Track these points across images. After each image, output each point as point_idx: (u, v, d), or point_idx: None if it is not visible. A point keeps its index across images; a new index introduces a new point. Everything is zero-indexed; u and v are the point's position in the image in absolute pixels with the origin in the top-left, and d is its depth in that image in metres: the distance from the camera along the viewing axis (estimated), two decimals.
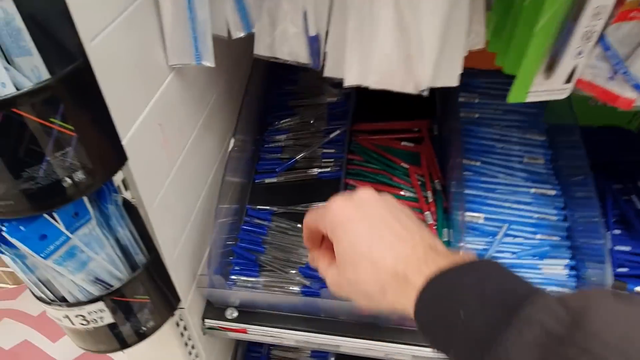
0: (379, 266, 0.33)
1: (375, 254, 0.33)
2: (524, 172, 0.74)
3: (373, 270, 0.33)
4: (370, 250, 0.33)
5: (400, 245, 0.33)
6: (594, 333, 0.22)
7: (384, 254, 0.33)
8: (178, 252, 0.56)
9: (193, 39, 0.47)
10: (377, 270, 0.33)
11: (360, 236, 0.34)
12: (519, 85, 0.45)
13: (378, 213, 0.36)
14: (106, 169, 0.35)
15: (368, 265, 0.33)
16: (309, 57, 0.52)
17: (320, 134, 0.85)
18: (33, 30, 0.30)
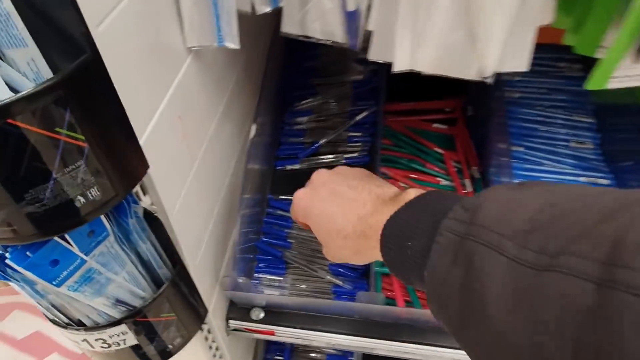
0: (343, 234, 0.36)
1: (337, 225, 0.37)
2: (571, 159, 0.68)
3: (342, 242, 0.37)
4: (333, 223, 0.37)
5: (351, 209, 0.36)
6: (482, 223, 0.25)
7: (342, 224, 0.36)
8: (201, 255, 0.51)
9: (215, 16, 0.40)
10: (345, 238, 0.36)
11: (321, 214, 0.38)
12: (602, 70, 0.38)
13: (329, 189, 0.39)
14: (126, 181, 0.29)
15: (337, 237, 0.37)
16: (346, 36, 0.46)
17: (345, 115, 0.79)
18: (26, 14, 0.23)
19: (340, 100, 0.80)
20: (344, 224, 0.36)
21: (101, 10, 0.29)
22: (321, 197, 0.39)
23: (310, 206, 0.39)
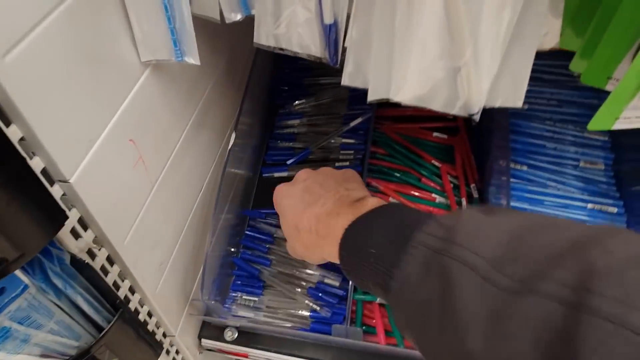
0: (298, 228, 0.39)
1: (296, 218, 0.39)
2: (579, 181, 0.62)
3: (296, 233, 0.39)
4: (293, 216, 0.39)
5: (312, 206, 0.38)
6: (460, 242, 0.26)
7: (300, 218, 0.38)
8: (164, 279, 0.47)
9: (170, 30, 0.36)
10: (298, 231, 0.39)
11: (286, 207, 0.41)
12: (608, 109, 0.33)
13: (304, 185, 0.41)
14: (34, 239, 0.25)
15: (293, 229, 0.39)
16: (324, 50, 0.41)
17: (340, 119, 0.74)
18: None
19: (335, 103, 0.75)
20: (301, 217, 0.38)
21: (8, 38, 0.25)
22: (293, 192, 0.41)
23: (282, 198, 0.42)
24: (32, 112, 0.27)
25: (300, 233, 0.38)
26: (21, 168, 0.24)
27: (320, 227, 0.36)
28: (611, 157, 0.64)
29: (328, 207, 0.37)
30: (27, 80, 0.26)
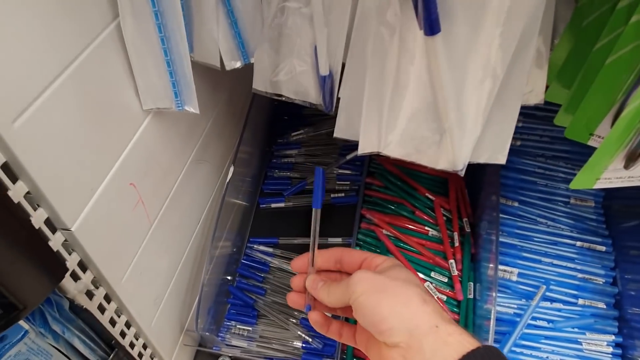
0: (426, 301, 0.32)
1: (421, 284, 0.34)
2: (569, 218, 0.63)
3: (417, 298, 0.33)
4: (417, 282, 0.34)
5: (427, 306, 0.32)
6: None
7: (427, 293, 0.34)
8: (160, 312, 0.49)
9: (171, 83, 0.38)
10: (423, 301, 0.32)
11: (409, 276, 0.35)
12: (589, 170, 0.35)
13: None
14: (36, 293, 0.27)
15: (415, 296, 0.33)
16: (319, 98, 0.43)
17: (337, 149, 0.75)
18: None
19: (332, 134, 0.76)
20: (429, 297, 0.33)
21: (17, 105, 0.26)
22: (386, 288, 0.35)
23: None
24: (37, 169, 0.28)
25: (432, 299, 0.33)
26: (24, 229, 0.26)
27: (447, 315, 0.32)
28: (601, 195, 0.65)
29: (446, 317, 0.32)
30: (35, 141, 0.28)
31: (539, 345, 0.55)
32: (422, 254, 0.64)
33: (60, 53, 0.29)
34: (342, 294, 0.35)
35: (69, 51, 0.30)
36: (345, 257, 0.40)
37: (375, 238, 0.65)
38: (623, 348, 0.55)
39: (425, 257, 0.63)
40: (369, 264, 0.38)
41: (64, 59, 0.30)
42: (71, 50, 0.30)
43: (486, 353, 0.29)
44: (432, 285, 0.61)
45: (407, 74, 0.32)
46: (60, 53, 0.29)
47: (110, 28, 0.34)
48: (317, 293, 0.38)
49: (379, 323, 0.32)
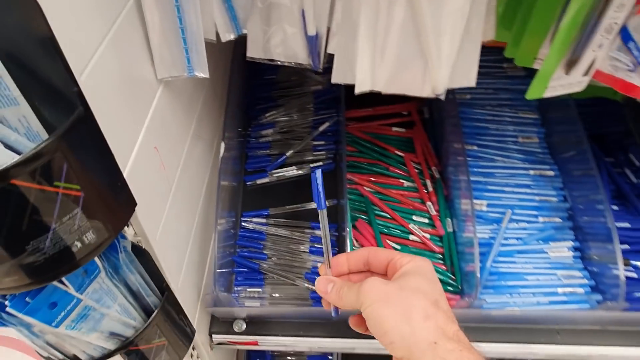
0: (438, 305, 0.34)
1: (437, 296, 0.35)
2: (520, 153, 0.73)
3: (429, 311, 0.33)
4: (433, 294, 0.35)
5: (439, 317, 0.34)
6: None
7: (444, 300, 0.35)
8: (182, 277, 0.52)
9: (185, 49, 0.42)
10: (437, 311, 0.34)
11: (430, 282, 0.36)
12: (539, 81, 0.43)
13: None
14: (118, 221, 0.31)
15: (429, 306, 0.34)
16: (308, 58, 0.49)
17: (308, 125, 0.81)
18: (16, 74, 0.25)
19: (302, 111, 0.82)
20: (425, 322, 0.33)
21: (82, 61, 0.30)
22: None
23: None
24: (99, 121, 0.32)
25: (438, 311, 0.33)
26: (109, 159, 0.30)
27: (452, 328, 0.33)
28: (543, 132, 0.76)
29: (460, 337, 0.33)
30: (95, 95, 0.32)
31: (513, 259, 0.64)
32: (402, 202, 0.71)
33: (101, 21, 0.33)
34: (354, 301, 0.36)
35: (106, 21, 0.34)
36: (372, 259, 0.40)
37: (359, 195, 0.72)
38: (580, 250, 0.65)
39: (405, 204, 0.71)
40: (394, 266, 0.38)
41: (104, 26, 0.34)
42: (107, 21, 0.34)
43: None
44: (416, 227, 0.68)
45: (393, 15, 0.39)
46: (101, 21, 0.33)
47: (130, 3, 0.38)
48: (328, 296, 0.38)
49: (382, 336, 0.33)
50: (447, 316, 0.33)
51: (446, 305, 0.35)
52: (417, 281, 0.35)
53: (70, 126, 0.25)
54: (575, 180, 0.70)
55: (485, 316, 0.60)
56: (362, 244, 0.67)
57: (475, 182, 0.70)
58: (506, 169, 0.72)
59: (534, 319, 0.61)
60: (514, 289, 0.62)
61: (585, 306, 0.60)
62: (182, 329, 0.44)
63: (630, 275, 0.62)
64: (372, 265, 0.39)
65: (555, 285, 0.62)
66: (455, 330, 0.33)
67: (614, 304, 0.57)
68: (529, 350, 0.62)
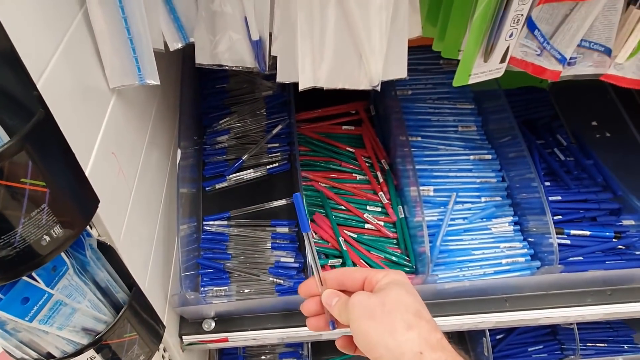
0: (420, 316, 0.34)
1: (418, 306, 0.35)
2: (460, 141, 0.79)
3: (411, 322, 0.34)
4: (414, 305, 0.35)
5: (423, 329, 0.34)
6: None
7: (427, 314, 0.35)
8: (149, 278, 0.54)
9: (134, 59, 0.45)
10: (419, 320, 0.34)
11: (407, 295, 0.36)
12: (462, 70, 0.48)
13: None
14: (83, 216, 0.33)
15: (411, 317, 0.34)
16: (254, 62, 0.52)
17: (262, 129, 0.85)
18: None
19: (255, 116, 0.86)
20: (408, 333, 0.34)
21: (36, 72, 0.33)
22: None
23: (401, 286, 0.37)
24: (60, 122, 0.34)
25: (420, 321, 0.34)
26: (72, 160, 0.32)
27: (436, 336, 0.33)
28: (479, 120, 0.82)
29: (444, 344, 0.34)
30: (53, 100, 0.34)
31: (460, 237, 0.69)
32: (355, 194, 0.75)
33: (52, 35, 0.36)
34: (345, 317, 0.36)
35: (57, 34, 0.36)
36: (346, 280, 0.40)
37: (314, 191, 0.76)
38: (519, 224, 0.71)
39: (359, 196, 0.75)
40: (370, 282, 0.38)
41: (55, 39, 0.36)
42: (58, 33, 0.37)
43: None
44: (370, 216, 0.72)
45: (326, 18, 0.43)
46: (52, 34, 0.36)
47: (79, 16, 0.40)
48: (332, 309, 0.38)
49: (370, 351, 0.34)
50: (430, 325, 0.34)
51: (428, 315, 0.36)
52: (397, 293, 0.35)
53: (33, 127, 0.27)
54: (510, 162, 0.76)
55: (439, 291, 0.65)
56: (321, 236, 0.71)
57: (422, 170, 0.75)
58: (449, 156, 0.77)
59: (483, 289, 0.66)
60: (463, 263, 0.67)
61: (527, 273, 0.66)
62: (151, 323, 0.46)
63: (563, 242, 0.69)
64: (346, 285, 0.39)
65: (500, 257, 0.67)
66: (439, 339, 0.34)
67: (551, 268, 0.63)
68: (481, 320, 0.67)
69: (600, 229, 0.71)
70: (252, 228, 0.73)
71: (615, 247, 0.70)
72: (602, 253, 0.70)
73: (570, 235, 0.69)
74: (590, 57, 0.48)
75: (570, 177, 0.77)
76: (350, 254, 0.68)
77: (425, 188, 0.74)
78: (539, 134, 0.85)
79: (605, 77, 0.49)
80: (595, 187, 0.76)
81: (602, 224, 0.72)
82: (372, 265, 0.67)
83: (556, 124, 0.86)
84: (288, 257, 0.69)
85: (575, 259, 0.69)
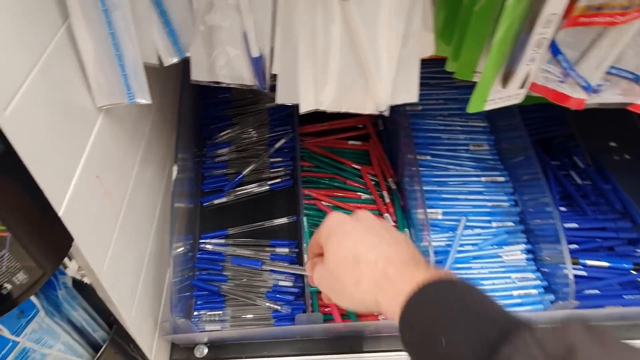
0: (359, 258, 0.36)
1: (360, 248, 0.36)
2: (471, 161, 0.75)
3: (352, 262, 0.36)
4: (355, 244, 0.37)
5: (384, 246, 0.36)
6: None
7: (367, 250, 0.36)
8: (136, 305, 0.51)
9: (123, 76, 0.41)
10: (357, 262, 0.36)
11: (348, 234, 0.38)
12: (478, 96, 0.45)
13: (370, 224, 0.39)
14: (52, 259, 0.30)
15: (349, 257, 0.36)
16: (254, 79, 0.49)
17: (264, 142, 0.81)
18: None
19: (257, 128, 0.82)
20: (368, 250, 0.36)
21: (7, 93, 0.29)
22: (357, 225, 0.39)
23: (345, 224, 0.39)
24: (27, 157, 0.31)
25: (359, 265, 0.35)
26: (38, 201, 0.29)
27: (391, 269, 0.34)
28: (492, 139, 0.78)
29: (402, 256, 0.35)
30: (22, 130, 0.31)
31: (469, 265, 0.65)
32: None
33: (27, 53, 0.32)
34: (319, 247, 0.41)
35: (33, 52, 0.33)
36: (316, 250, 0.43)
37: (317, 210, 0.72)
38: (532, 252, 0.67)
39: None
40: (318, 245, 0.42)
41: (31, 58, 0.33)
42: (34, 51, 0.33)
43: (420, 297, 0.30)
44: None
45: (330, 36, 0.39)
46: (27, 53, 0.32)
47: (61, 32, 0.37)
48: (311, 281, 0.43)
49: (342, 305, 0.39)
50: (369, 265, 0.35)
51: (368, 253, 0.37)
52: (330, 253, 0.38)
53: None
54: (524, 184, 0.72)
55: None
56: None
57: (430, 191, 0.71)
58: (459, 177, 0.73)
59: None
60: None
61: (540, 307, 0.62)
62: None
63: (579, 274, 0.64)
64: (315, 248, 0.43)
65: (510, 288, 0.63)
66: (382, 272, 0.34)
67: (566, 303, 0.59)
68: None
69: (618, 260, 0.67)
70: (250, 248, 0.69)
71: (634, 280, 0.66)
72: (620, 286, 0.66)
73: (586, 266, 0.65)
74: (618, 84, 0.44)
75: (587, 202, 0.72)
76: None
77: (434, 211, 0.70)
78: (554, 154, 0.80)
79: (633, 107, 0.45)
80: (613, 213, 0.72)
81: (620, 255, 0.68)
82: None
83: (572, 143, 0.82)
84: (287, 281, 0.65)
85: (591, 292, 0.65)
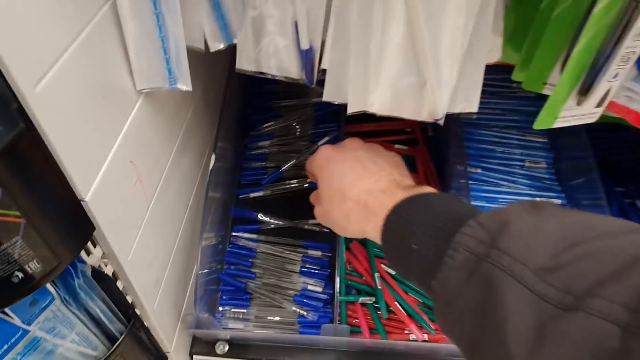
0: (345, 195, 0.39)
1: (345, 185, 0.39)
2: (526, 179, 0.70)
3: (340, 199, 0.39)
4: (341, 182, 0.40)
5: (366, 178, 0.39)
6: (505, 249, 0.25)
7: (350, 185, 0.39)
8: (160, 296, 0.49)
9: (165, 60, 0.39)
10: (344, 199, 0.39)
11: (335, 172, 0.41)
12: (548, 112, 0.40)
13: (356, 154, 0.42)
14: (69, 248, 0.28)
15: (337, 195, 0.40)
16: (301, 73, 0.46)
17: (307, 138, 0.78)
18: None
19: (302, 123, 0.80)
20: (352, 186, 0.39)
21: (41, 68, 0.28)
22: (343, 158, 0.42)
23: (330, 161, 0.43)
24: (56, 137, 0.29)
25: (345, 201, 0.38)
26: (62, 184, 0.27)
27: (370, 200, 0.36)
28: (551, 157, 0.72)
29: (381, 185, 0.37)
30: (53, 108, 0.29)
31: None
32: None
33: (67, 25, 0.31)
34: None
35: (74, 26, 0.32)
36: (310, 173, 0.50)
37: None
38: None
39: None
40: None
41: (71, 31, 0.31)
42: (75, 25, 0.32)
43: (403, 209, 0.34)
44: None
45: (389, 33, 0.36)
46: (66, 25, 0.31)
47: (105, 7, 0.35)
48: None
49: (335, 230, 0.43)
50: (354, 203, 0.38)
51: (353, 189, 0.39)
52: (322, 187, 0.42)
53: (5, 146, 0.22)
54: (583, 209, 0.66)
55: None
56: (355, 267, 0.64)
57: (478, 207, 0.66)
58: (511, 195, 0.68)
59: None
60: None
61: None
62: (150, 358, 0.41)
63: None
64: None
65: None
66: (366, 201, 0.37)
67: None
68: None
69: None
70: (283, 247, 0.67)
71: None
72: None
73: None
74: None
75: None
76: (384, 292, 0.60)
77: None
78: (619, 179, 0.73)
79: None
80: None
81: None
82: (407, 309, 0.59)
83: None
84: (316, 286, 0.62)
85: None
